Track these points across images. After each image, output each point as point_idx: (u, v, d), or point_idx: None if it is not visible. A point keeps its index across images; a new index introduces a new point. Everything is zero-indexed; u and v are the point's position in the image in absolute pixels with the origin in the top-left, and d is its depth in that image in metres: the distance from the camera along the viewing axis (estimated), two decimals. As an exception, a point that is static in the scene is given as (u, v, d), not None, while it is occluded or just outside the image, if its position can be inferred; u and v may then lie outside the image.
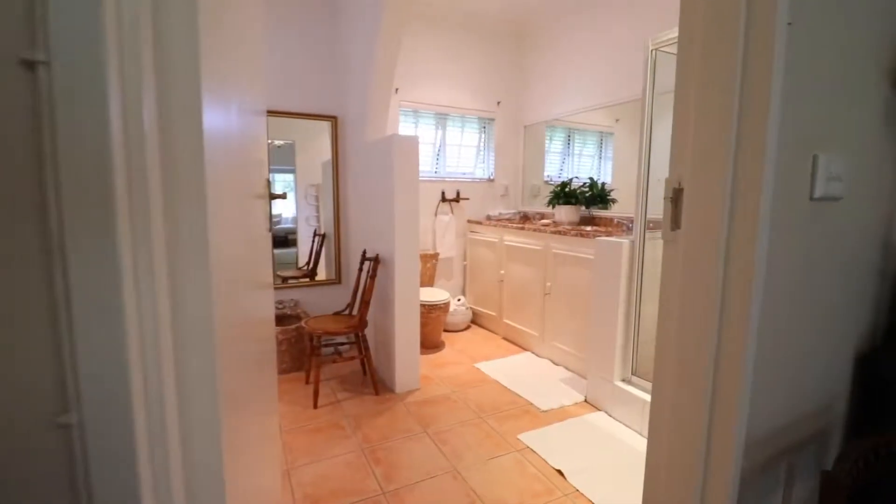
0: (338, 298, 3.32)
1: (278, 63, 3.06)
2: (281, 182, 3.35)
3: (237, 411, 0.78)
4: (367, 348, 2.60)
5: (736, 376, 0.73)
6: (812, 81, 0.76)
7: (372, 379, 2.57)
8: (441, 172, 3.91)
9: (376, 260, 2.53)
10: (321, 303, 3.32)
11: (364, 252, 2.75)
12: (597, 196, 3.37)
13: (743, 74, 0.69)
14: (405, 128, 3.70)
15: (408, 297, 2.56)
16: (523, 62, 4.07)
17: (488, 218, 4.01)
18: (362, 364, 2.80)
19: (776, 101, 0.67)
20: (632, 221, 3.03)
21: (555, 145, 3.97)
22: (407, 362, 2.61)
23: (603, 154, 3.74)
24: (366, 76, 2.78)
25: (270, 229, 1.24)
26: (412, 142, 2.46)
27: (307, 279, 3.40)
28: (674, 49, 2.23)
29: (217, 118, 0.68)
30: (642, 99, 2.21)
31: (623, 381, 2.36)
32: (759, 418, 0.78)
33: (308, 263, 3.46)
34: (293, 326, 2.80)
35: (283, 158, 3.28)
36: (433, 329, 3.28)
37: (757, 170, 0.68)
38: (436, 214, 3.84)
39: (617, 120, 3.45)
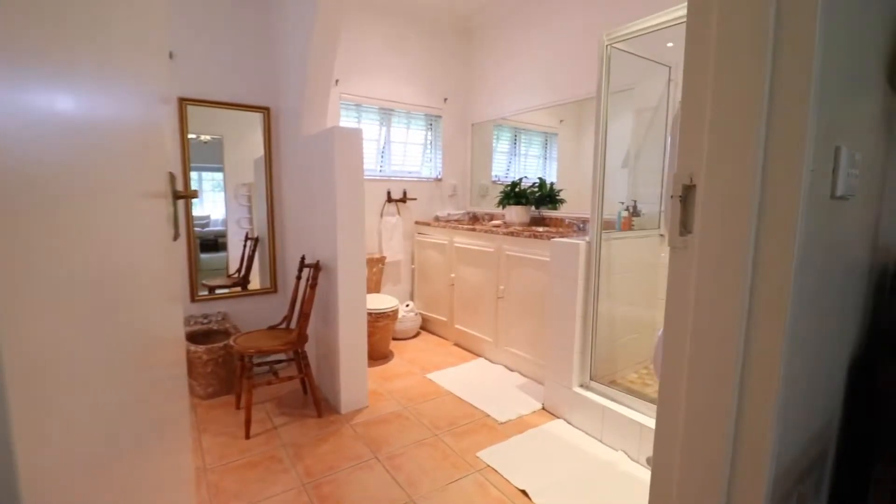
0: (274, 310, 3.01)
1: (203, 48, 2.70)
2: (210, 181, 2.98)
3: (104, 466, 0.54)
4: (307, 366, 2.33)
5: (766, 405, 0.61)
6: (832, 64, 0.65)
7: (314, 399, 2.31)
8: (386, 171, 3.69)
9: (316, 267, 2.27)
10: (254, 315, 2.99)
11: (303, 258, 2.48)
12: (546, 196, 3.31)
13: (775, 49, 0.57)
14: (347, 122, 3.45)
15: (353, 306, 2.33)
16: (471, 58, 3.95)
17: (437, 219, 3.85)
18: (303, 383, 2.52)
19: (816, 81, 0.56)
20: (583, 222, 3.01)
21: (502, 145, 3.89)
22: (353, 378, 2.37)
23: (548, 155, 3.71)
24: (302, 65, 2.51)
25: (177, 236, 0.99)
26: (355, 135, 2.24)
27: (238, 288, 3.05)
28: (628, 46, 2.18)
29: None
30: (597, 97, 2.14)
31: (581, 386, 2.29)
32: (784, 447, 0.67)
33: (239, 271, 3.11)
34: (220, 344, 2.47)
35: (210, 155, 2.92)
36: (381, 339, 3.06)
37: (793, 162, 0.56)
38: (381, 215, 3.61)
39: (561, 121, 3.43)
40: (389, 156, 3.70)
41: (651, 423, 1.93)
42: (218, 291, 3.00)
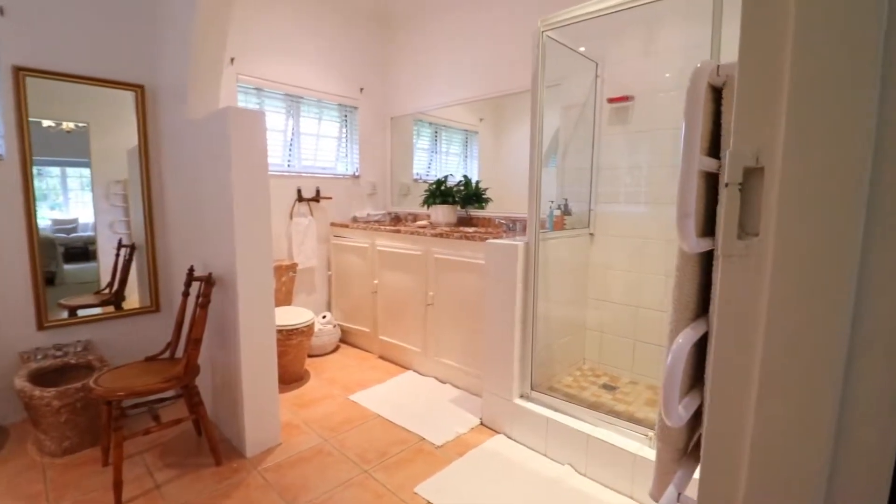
0: (156, 334, 2.47)
1: (52, 4, 2.10)
2: (76, 178, 2.36)
3: None
4: (199, 403, 1.89)
5: (879, 492, 0.43)
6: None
7: (210, 443, 1.88)
8: (296, 166, 3.26)
9: (208, 280, 1.84)
10: (130, 342, 2.42)
11: (191, 270, 2.02)
12: (473, 195, 3.15)
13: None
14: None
15: (259, 325, 1.93)
16: (390, 46, 3.66)
17: (355, 220, 3.51)
18: (195, 424, 2.06)
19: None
20: (513, 221, 2.88)
21: (422, 142, 3.67)
22: (261, 412, 1.98)
23: (468, 153, 3.56)
24: (185, 33, 2.05)
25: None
26: (256, 118, 1.85)
27: (111, 307, 2.46)
28: (561, 35, 2.07)
29: None
30: (532, 86, 1.99)
31: (522, 397, 2.13)
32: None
33: (111, 286, 2.51)
34: (78, 385, 1.92)
35: (74, 147, 2.30)
36: (294, 359, 2.66)
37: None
38: (291, 217, 3.19)
39: (481, 119, 3.31)
40: (299, 149, 3.28)
41: (598, 432, 1.82)
42: (81, 313, 2.39)
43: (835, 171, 0.42)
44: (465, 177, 3.21)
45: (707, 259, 0.84)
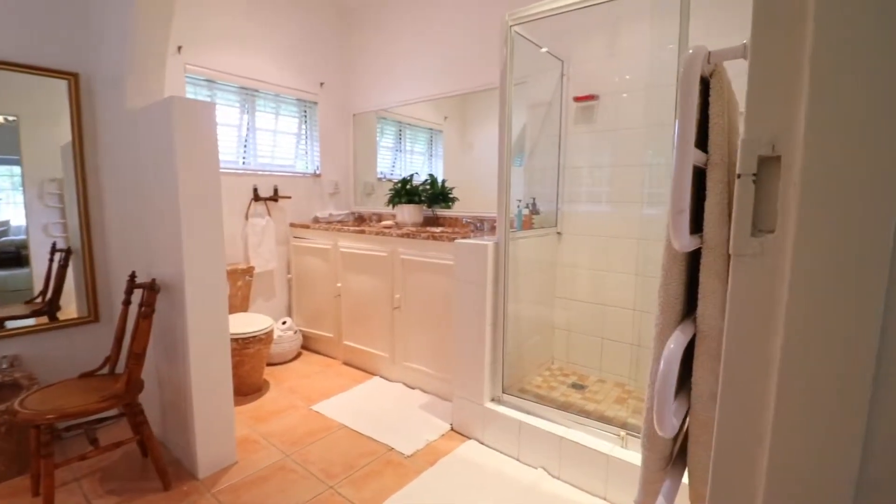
0: (96, 347, 2.24)
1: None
2: (5, 177, 2.11)
3: None
4: (143, 422, 1.72)
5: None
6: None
7: (157, 466, 1.71)
8: (251, 164, 3.08)
9: (151, 287, 1.68)
10: (66, 357, 2.19)
11: (132, 276, 1.84)
12: (439, 194, 3.08)
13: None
14: (196, 103, 2.77)
15: (211, 335, 1.78)
16: (351, 40, 3.53)
17: (317, 220, 3.36)
18: (141, 445, 1.88)
19: None
20: (480, 221, 2.84)
21: (386, 140, 3.57)
22: (214, 428, 1.83)
23: (433, 152, 3.49)
24: (124, 15, 1.87)
25: None
26: (205, 109, 1.70)
27: (45, 318, 2.22)
28: (528, 31, 2.03)
29: None
30: (501, 82, 1.94)
31: (493, 400, 2.08)
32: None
33: (44, 294, 2.26)
34: (1, 408, 1.70)
35: (1, 143, 2.06)
36: (252, 369, 2.50)
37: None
38: (247, 217, 3.00)
39: (445, 118, 3.25)
40: (254, 146, 3.10)
41: (571, 433, 1.79)
42: (9, 325, 2.14)
43: (863, 159, 0.38)
44: (430, 175, 3.13)
45: (693, 258, 0.80)
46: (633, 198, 2.32)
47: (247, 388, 2.50)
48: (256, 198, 3.04)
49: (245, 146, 3.06)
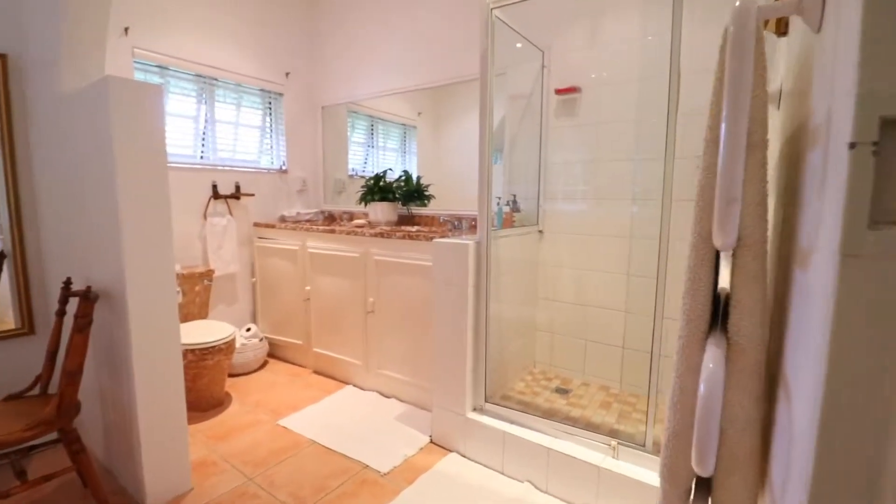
0: (31, 363, 1.99)
1: None
2: None
3: None
4: (80, 450, 1.50)
5: None
6: None
7: (97, 498, 1.50)
8: (211, 158, 2.85)
9: (86, 296, 1.46)
10: (-11, 373, 1.93)
11: (66, 283, 1.61)
12: (414, 192, 2.93)
13: None
14: (146, 91, 2.52)
15: (158, 347, 1.58)
16: (318, 25, 3.33)
17: (283, 219, 3.15)
18: (80, 475, 1.65)
19: None
20: (458, 219, 2.70)
21: (357, 135, 3.39)
22: (165, 451, 1.63)
23: (407, 148, 3.35)
24: (55, -13, 1.64)
25: None
26: (148, 92, 1.50)
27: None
28: (507, 16, 1.91)
29: None
30: (481, 68, 1.81)
31: (476, 410, 1.95)
32: None
33: (-31, 303, 1.99)
34: None
35: None
36: (211, 381, 2.28)
37: None
38: (206, 216, 2.77)
39: (419, 113, 3.11)
40: (214, 139, 2.87)
41: (559, 444, 1.68)
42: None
43: None
44: (405, 172, 2.98)
45: (717, 258, 0.69)
46: (619, 194, 2.24)
47: (206, 403, 2.28)
48: (216, 195, 2.81)
49: (203, 139, 2.82)
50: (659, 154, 2.04)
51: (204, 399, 2.28)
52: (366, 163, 3.39)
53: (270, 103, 3.16)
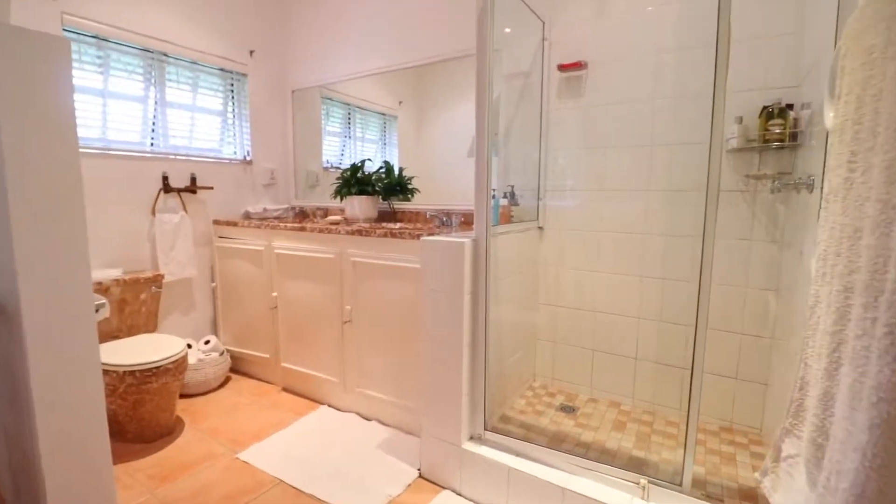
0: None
1: None
2: None
3: None
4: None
5: None
6: None
7: (-18, 579, 1.14)
8: (161, 146, 2.47)
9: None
10: None
11: (-55, 294, 1.24)
12: (396, 185, 2.61)
13: None
14: (81, 69, 2.14)
15: (68, 371, 1.23)
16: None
17: (248, 216, 2.79)
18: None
19: None
20: (446, 215, 2.40)
21: (333, 125, 3.05)
22: (77, 499, 1.27)
23: (387, 140, 3.03)
24: None
25: None
26: (49, 46, 1.14)
27: None
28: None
29: None
30: (479, 29, 1.51)
31: (473, 439, 1.65)
32: None
33: None
34: None
35: None
36: (157, 408, 1.91)
37: None
38: (154, 212, 2.39)
39: (401, 102, 2.80)
40: (165, 124, 2.49)
41: (574, 482, 1.40)
42: None
43: None
44: (385, 162, 2.66)
45: None
46: (634, 186, 1.97)
47: (150, 433, 1.92)
48: (167, 188, 2.44)
49: (154, 125, 2.44)
50: (694, 139, 1.78)
51: (149, 428, 1.91)
52: (342, 154, 3.05)
53: (233, 85, 2.80)
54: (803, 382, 0.81)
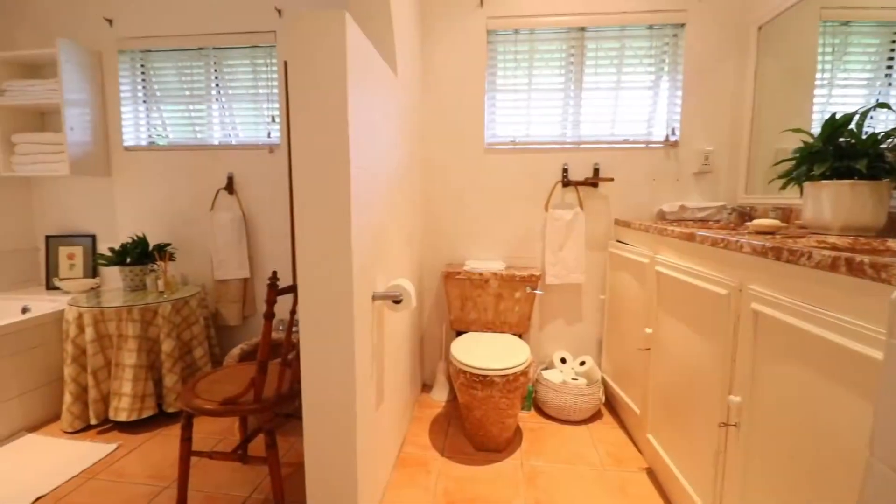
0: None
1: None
2: None
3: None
4: (271, 444, 1.38)
5: None
6: None
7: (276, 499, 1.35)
8: (569, 135, 2.24)
9: (271, 285, 1.29)
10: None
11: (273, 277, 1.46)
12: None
13: None
14: (505, 66, 2.22)
15: (331, 344, 1.22)
16: None
17: (662, 216, 2.10)
18: (273, 478, 1.50)
19: None
20: None
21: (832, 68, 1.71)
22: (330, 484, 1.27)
23: None
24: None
25: None
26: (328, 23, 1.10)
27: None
28: None
29: None
30: None
31: None
32: None
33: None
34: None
35: None
36: (486, 417, 1.75)
37: None
38: (548, 208, 2.21)
39: None
40: (577, 111, 2.22)
41: None
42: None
43: None
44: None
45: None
46: None
47: (479, 441, 1.79)
48: (565, 182, 2.18)
49: (567, 113, 2.24)
50: None
51: (477, 437, 1.79)
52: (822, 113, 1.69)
53: (666, 44, 2.13)
54: None
